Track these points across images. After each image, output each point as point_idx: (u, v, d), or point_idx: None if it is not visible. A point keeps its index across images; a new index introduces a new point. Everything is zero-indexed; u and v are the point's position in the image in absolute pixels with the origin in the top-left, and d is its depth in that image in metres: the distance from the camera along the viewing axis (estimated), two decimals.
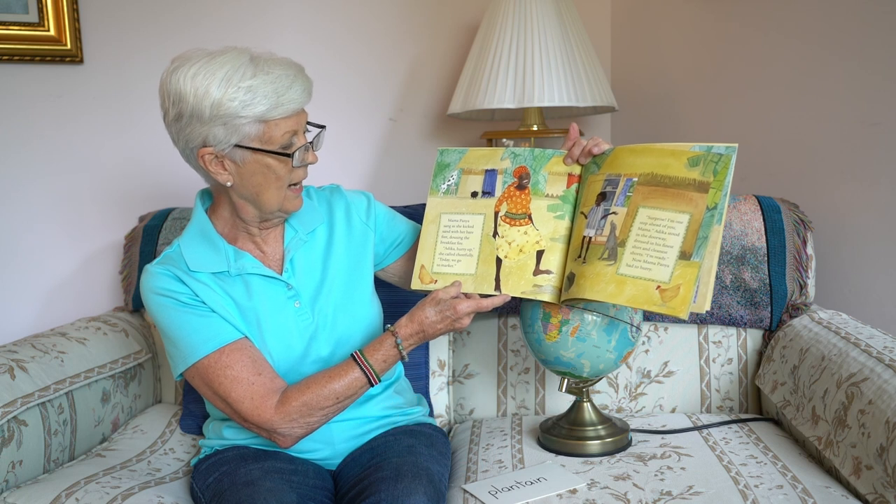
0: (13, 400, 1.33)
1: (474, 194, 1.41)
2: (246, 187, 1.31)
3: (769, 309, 1.63)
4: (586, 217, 1.33)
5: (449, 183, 1.43)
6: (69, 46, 2.01)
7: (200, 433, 1.62)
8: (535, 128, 2.15)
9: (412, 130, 2.36)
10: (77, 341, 1.60)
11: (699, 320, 1.65)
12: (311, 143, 1.32)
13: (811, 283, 1.66)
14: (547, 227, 1.36)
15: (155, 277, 1.33)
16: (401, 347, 1.29)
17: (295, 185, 1.34)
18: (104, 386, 1.60)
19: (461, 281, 1.35)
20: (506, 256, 1.36)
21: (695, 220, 1.21)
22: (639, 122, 2.41)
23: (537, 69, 1.99)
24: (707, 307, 1.25)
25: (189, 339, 1.30)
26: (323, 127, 1.35)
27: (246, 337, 1.32)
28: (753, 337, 1.67)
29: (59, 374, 1.47)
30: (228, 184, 1.30)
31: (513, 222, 1.38)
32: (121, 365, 1.65)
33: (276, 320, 1.35)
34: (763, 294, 1.63)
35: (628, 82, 2.42)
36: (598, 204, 1.31)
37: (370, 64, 2.29)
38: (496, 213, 1.38)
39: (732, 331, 1.67)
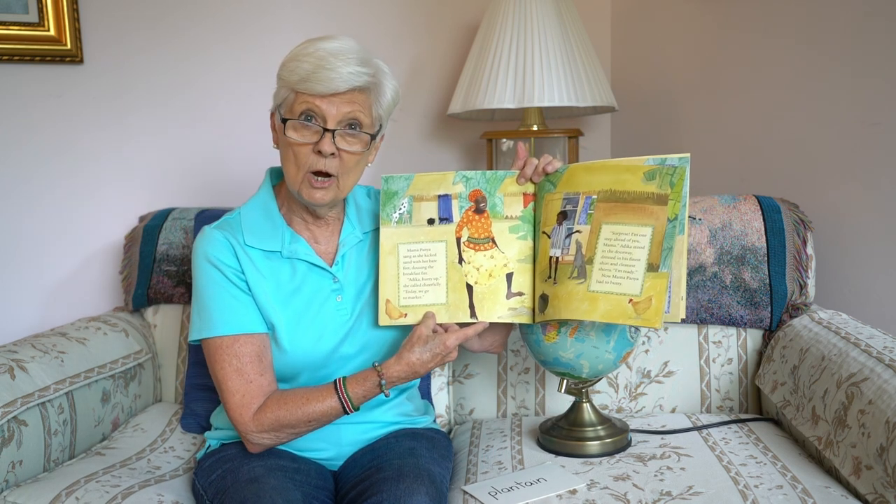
0: (13, 400, 1.33)
1: (431, 221, 1.39)
2: (280, 155, 1.35)
3: (769, 309, 1.63)
4: (549, 237, 1.34)
5: (401, 211, 1.39)
6: (69, 46, 2.01)
7: (202, 432, 1.62)
8: (535, 128, 2.15)
9: (412, 130, 2.36)
10: (77, 341, 1.60)
11: (699, 320, 1.65)
12: (330, 130, 1.28)
13: (811, 283, 1.66)
14: (511, 248, 1.37)
15: (211, 244, 1.34)
16: (384, 387, 1.28)
17: (315, 173, 1.30)
18: (104, 386, 1.60)
19: (433, 311, 1.35)
20: (476, 282, 1.36)
21: (658, 231, 1.24)
22: (639, 122, 2.41)
23: (537, 69, 1.99)
24: (682, 315, 1.29)
25: (214, 313, 1.31)
26: (356, 126, 1.31)
27: (266, 335, 1.33)
28: (753, 337, 1.67)
29: (59, 374, 1.47)
30: (274, 146, 1.36)
31: (477, 247, 1.37)
32: (121, 365, 1.65)
33: (316, 310, 1.36)
34: (763, 294, 1.62)
35: (628, 82, 2.42)
36: (559, 223, 1.33)
37: None
38: (458, 239, 1.38)
39: (732, 331, 1.67)
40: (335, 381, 1.29)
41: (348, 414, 1.29)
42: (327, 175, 1.30)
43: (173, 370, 1.80)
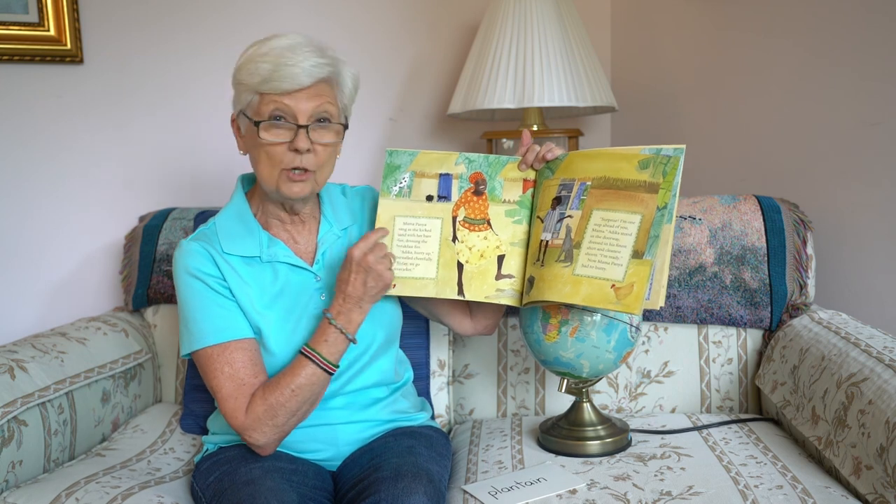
0: (13, 400, 1.33)
1: (429, 198, 1.41)
2: (251, 158, 1.35)
3: (769, 309, 1.63)
4: (543, 221, 1.35)
5: (401, 185, 1.42)
6: (69, 46, 2.01)
7: (201, 433, 1.62)
8: (535, 128, 2.15)
9: (412, 130, 2.36)
10: (77, 341, 1.60)
11: (699, 320, 1.65)
12: (303, 126, 1.28)
13: (811, 283, 1.66)
14: (506, 232, 1.39)
15: (190, 256, 1.34)
16: (336, 324, 1.27)
17: (292, 169, 1.30)
18: (104, 386, 1.60)
19: (421, 284, 1.37)
20: (467, 261, 1.38)
21: (646, 219, 1.25)
22: (639, 122, 2.41)
23: (537, 69, 1.99)
24: (661, 303, 1.30)
25: (201, 324, 1.31)
26: (325, 119, 1.32)
27: (253, 339, 1.33)
28: (753, 337, 1.67)
29: (59, 374, 1.47)
30: (241, 152, 1.36)
31: (472, 227, 1.39)
32: (121, 365, 1.65)
33: (301, 311, 1.36)
34: (763, 294, 1.62)
35: (628, 82, 2.42)
36: (553, 208, 1.34)
37: (370, 64, 2.29)
38: (454, 218, 1.40)
39: (732, 331, 1.67)
40: (302, 347, 1.29)
41: (331, 373, 1.28)
42: (304, 169, 1.31)
43: (173, 370, 1.80)
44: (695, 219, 1.67)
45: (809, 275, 1.65)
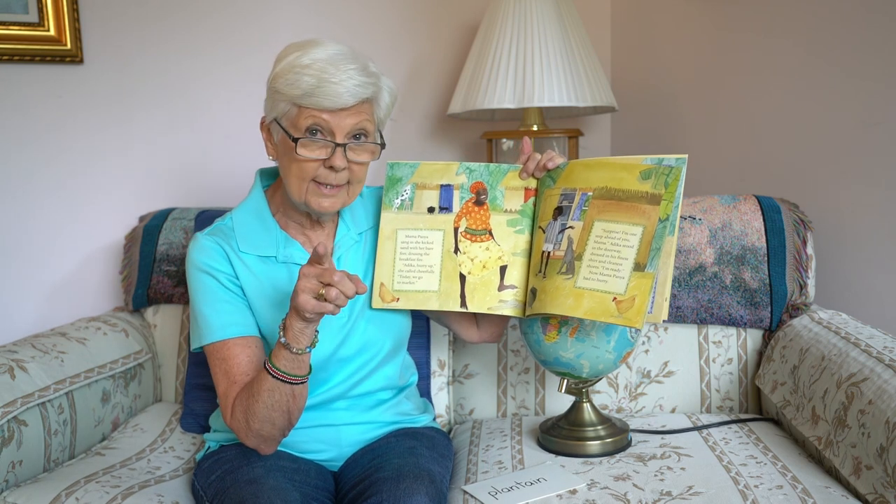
0: (13, 400, 1.33)
1: (431, 210, 1.41)
2: (281, 166, 1.34)
3: (769, 309, 1.63)
4: (544, 232, 1.35)
5: (403, 198, 1.42)
6: (69, 46, 2.01)
7: (201, 432, 1.62)
8: (535, 128, 2.15)
9: (412, 130, 2.36)
10: (77, 341, 1.60)
11: (699, 320, 1.65)
12: (340, 144, 1.27)
13: (811, 283, 1.66)
14: (508, 242, 1.38)
15: (203, 251, 1.33)
16: (283, 341, 1.19)
17: (323, 183, 1.29)
18: (104, 386, 1.60)
19: (424, 297, 1.37)
20: (469, 273, 1.38)
21: (648, 231, 1.24)
22: (639, 122, 2.41)
23: (537, 69, 1.99)
24: (664, 317, 1.29)
25: (208, 320, 1.31)
26: (380, 144, 1.33)
27: (257, 337, 1.32)
28: (753, 337, 1.67)
29: (59, 374, 1.47)
30: (270, 158, 1.34)
31: (474, 238, 1.39)
32: (121, 365, 1.65)
33: None
34: (763, 294, 1.62)
35: (628, 82, 2.42)
36: (555, 218, 1.34)
37: None
38: (456, 230, 1.39)
39: (732, 331, 1.67)
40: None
41: (294, 384, 1.21)
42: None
43: (173, 370, 1.80)
44: (695, 219, 1.67)
45: (809, 275, 1.65)
